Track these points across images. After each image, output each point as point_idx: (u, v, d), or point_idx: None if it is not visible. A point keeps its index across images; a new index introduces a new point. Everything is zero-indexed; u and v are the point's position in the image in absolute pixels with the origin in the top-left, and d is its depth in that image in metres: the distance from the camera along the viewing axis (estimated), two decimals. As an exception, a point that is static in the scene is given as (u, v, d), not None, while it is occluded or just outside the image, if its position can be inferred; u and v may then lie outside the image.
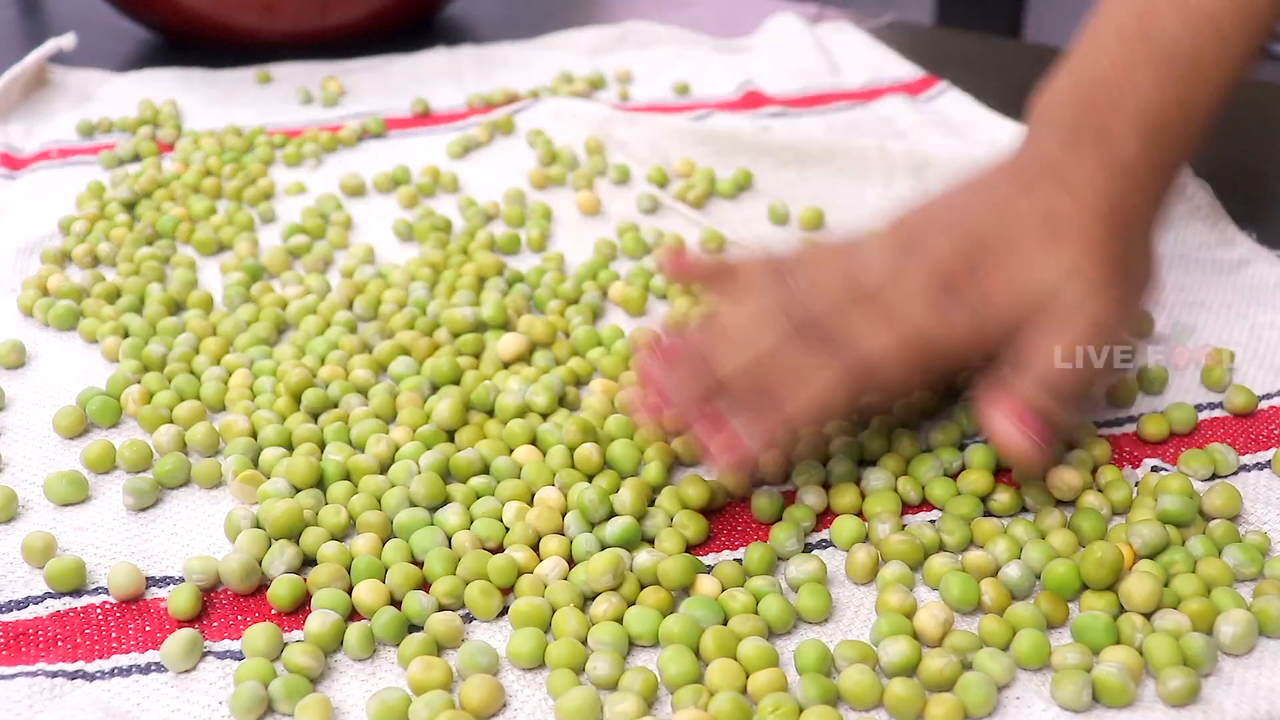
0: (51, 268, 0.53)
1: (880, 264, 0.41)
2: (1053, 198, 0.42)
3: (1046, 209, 0.41)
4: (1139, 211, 0.42)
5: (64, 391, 0.46)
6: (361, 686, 0.34)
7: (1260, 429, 0.44)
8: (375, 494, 0.40)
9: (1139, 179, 0.42)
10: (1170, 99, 0.43)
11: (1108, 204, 0.41)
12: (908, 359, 0.40)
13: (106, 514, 0.40)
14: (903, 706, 0.32)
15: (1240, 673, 0.34)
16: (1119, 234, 0.41)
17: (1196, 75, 0.43)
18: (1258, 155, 0.55)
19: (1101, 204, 0.41)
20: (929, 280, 0.40)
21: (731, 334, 0.41)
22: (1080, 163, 0.42)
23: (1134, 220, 0.42)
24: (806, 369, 0.39)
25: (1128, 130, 0.42)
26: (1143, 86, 0.43)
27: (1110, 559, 0.35)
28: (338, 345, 0.48)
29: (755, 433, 0.39)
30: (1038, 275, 0.40)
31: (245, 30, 0.78)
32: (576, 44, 0.82)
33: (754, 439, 0.39)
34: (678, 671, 0.33)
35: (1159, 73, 0.43)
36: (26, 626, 0.35)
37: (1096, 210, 0.41)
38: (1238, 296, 0.51)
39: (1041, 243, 0.41)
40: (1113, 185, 0.42)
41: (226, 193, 0.61)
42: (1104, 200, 0.41)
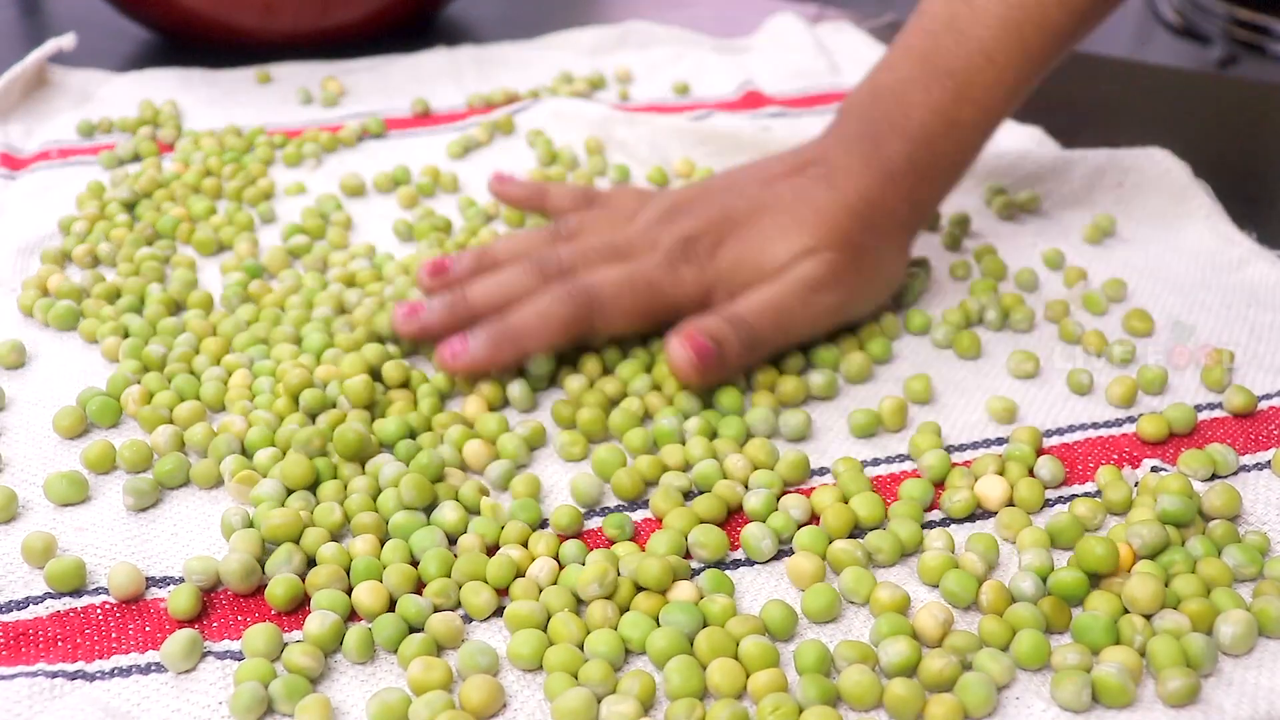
0: (51, 268, 0.53)
1: (643, 223, 0.48)
2: (813, 188, 0.48)
3: (803, 196, 0.47)
4: (893, 212, 0.48)
5: (64, 391, 0.46)
6: (361, 687, 0.34)
7: (1260, 429, 0.44)
8: (370, 493, 0.40)
9: (900, 185, 0.48)
10: (938, 117, 0.48)
11: (863, 201, 0.47)
12: (632, 297, 0.45)
13: (106, 514, 0.40)
14: (903, 707, 0.32)
15: (1240, 673, 0.34)
16: (864, 226, 0.47)
17: (965, 97, 0.48)
18: (1258, 155, 0.56)
19: (855, 199, 0.47)
20: (673, 243, 0.46)
21: (487, 260, 0.48)
22: (849, 161, 0.48)
23: (886, 218, 0.48)
24: (538, 293, 0.45)
25: (897, 139, 0.48)
26: (916, 102, 0.48)
27: (1106, 551, 0.36)
28: (333, 343, 0.48)
29: (481, 339, 0.44)
30: (770, 251, 0.46)
31: (245, 30, 0.78)
32: (576, 44, 0.82)
33: (478, 345, 0.44)
34: (680, 682, 0.33)
35: (931, 91, 0.48)
36: (26, 626, 0.35)
37: (846, 203, 0.47)
38: (1238, 296, 0.52)
39: (784, 224, 0.46)
40: (871, 185, 0.47)
41: (226, 193, 0.61)
42: (859, 197, 0.47)
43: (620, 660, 0.34)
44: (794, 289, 0.45)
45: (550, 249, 0.47)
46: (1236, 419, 0.45)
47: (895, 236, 0.48)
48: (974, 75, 0.48)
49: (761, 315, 0.45)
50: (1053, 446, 0.43)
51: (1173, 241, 0.56)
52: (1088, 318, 0.51)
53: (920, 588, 0.37)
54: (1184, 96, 0.76)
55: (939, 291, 0.53)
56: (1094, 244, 0.57)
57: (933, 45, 0.49)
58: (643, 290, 0.45)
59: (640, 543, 0.39)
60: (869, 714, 0.33)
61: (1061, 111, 0.71)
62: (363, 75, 0.77)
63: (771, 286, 0.45)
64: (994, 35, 0.48)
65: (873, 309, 0.49)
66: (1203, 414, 0.45)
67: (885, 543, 0.38)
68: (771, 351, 0.46)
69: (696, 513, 0.39)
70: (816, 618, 0.36)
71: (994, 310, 0.50)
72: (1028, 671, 0.34)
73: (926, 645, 0.35)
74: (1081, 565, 0.36)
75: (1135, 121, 0.69)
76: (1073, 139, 0.65)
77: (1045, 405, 0.46)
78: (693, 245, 0.46)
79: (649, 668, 0.34)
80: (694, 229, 0.47)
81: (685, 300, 0.46)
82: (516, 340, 0.44)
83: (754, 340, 0.44)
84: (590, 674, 0.33)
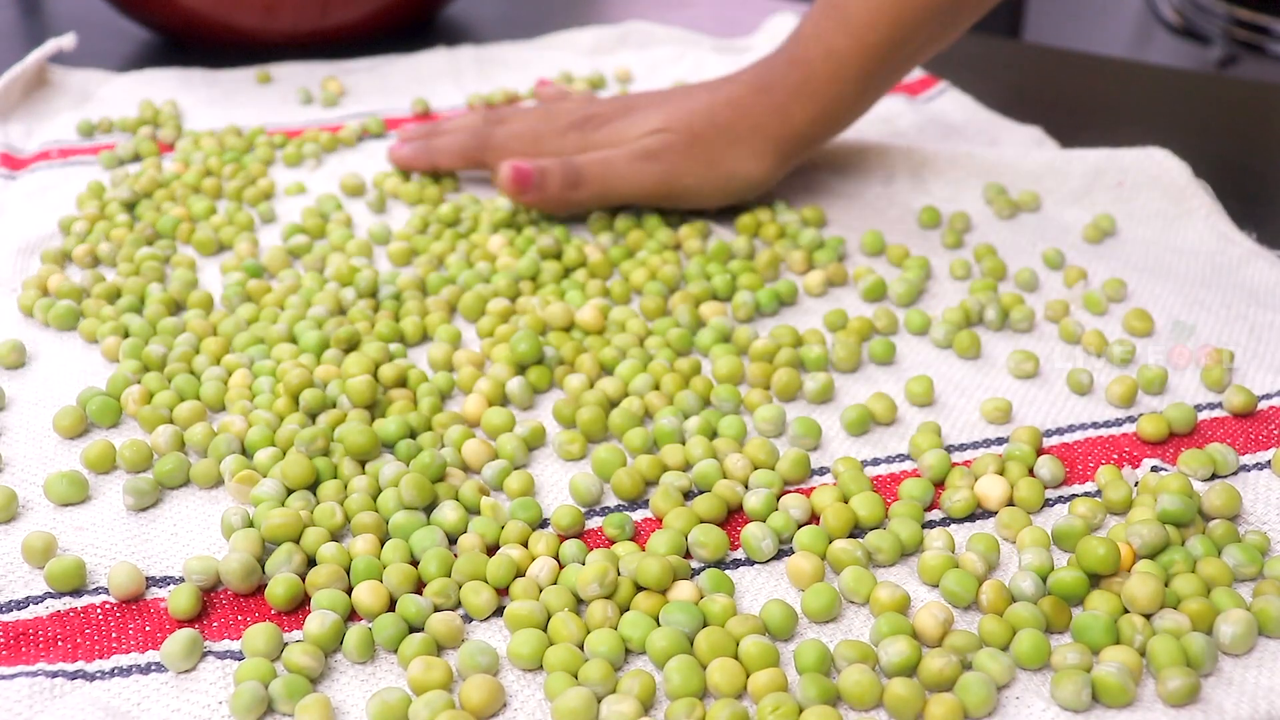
0: (51, 268, 0.53)
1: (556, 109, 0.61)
2: (699, 91, 0.58)
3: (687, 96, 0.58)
4: (758, 121, 0.56)
5: (64, 391, 0.46)
6: (362, 686, 0.34)
7: (1260, 429, 0.44)
8: (370, 493, 0.40)
9: (771, 96, 0.56)
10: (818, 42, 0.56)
11: (727, 104, 0.56)
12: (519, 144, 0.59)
13: (106, 514, 0.40)
14: (903, 706, 0.32)
15: (1240, 673, 0.34)
16: (717, 124, 0.56)
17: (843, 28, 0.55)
18: (1258, 155, 0.56)
19: (721, 101, 0.56)
20: (573, 118, 0.59)
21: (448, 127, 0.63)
22: (742, 75, 0.58)
23: (747, 125, 0.56)
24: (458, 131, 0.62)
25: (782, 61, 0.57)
26: (805, 32, 0.56)
27: (1107, 551, 0.36)
28: (330, 344, 0.48)
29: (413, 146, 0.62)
30: (633, 128, 0.57)
31: (245, 30, 0.78)
32: (576, 44, 0.82)
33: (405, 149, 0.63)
34: (680, 681, 0.33)
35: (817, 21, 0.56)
36: (26, 626, 0.35)
37: (712, 103, 0.56)
38: (1238, 296, 0.52)
39: (653, 112, 0.57)
40: (741, 94, 0.56)
41: (226, 193, 0.61)
42: (725, 100, 0.56)
43: (620, 660, 0.34)
44: (628, 153, 0.56)
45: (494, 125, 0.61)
46: (1236, 419, 0.45)
47: (752, 142, 0.56)
48: (854, 10, 0.55)
49: (590, 163, 0.55)
50: (1053, 446, 0.43)
51: (1173, 241, 0.56)
52: (1088, 318, 0.51)
53: (920, 588, 0.37)
54: (1184, 96, 0.76)
55: (939, 291, 0.53)
56: (1094, 244, 0.57)
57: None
58: (529, 141, 0.59)
59: (640, 543, 0.39)
60: (869, 714, 0.33)
61: (1061, 111, 0.71)
62: (363, 75, 0.77)
63: (613, 149, 0.56)
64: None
65: (716, 198, 0.57)
66: (1203, 414, 0.45)
67: (885, 543, 0.38)
68: (598, 199, 0.56)
69: (696, 512, 0.39)
70: (816, 618, 0.36)
71: (994, 310, 0.50)
72: (1028, 671, 0.34)
73: (926, 645, 0.35)
74: (1082, 565, 0.36)
75: (1135, 121, 0.69)
76: (1073, 139, 0.65)
77: (1045, 405, 0.46)
78: (587, 120, 0.58)
79: (649, 667, 0.34)
80: (596, 110, 0.59)
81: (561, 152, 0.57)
82: (431, 153, 0.61)
83: (576, 180, 0.55)
84: (590, 674, 0.33)
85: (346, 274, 0.53)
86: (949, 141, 0.67)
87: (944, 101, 0.72)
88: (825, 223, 0.59)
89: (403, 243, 0.56)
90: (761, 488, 0.40)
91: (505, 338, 0.49)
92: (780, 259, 0.55)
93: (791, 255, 0.55)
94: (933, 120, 0.70)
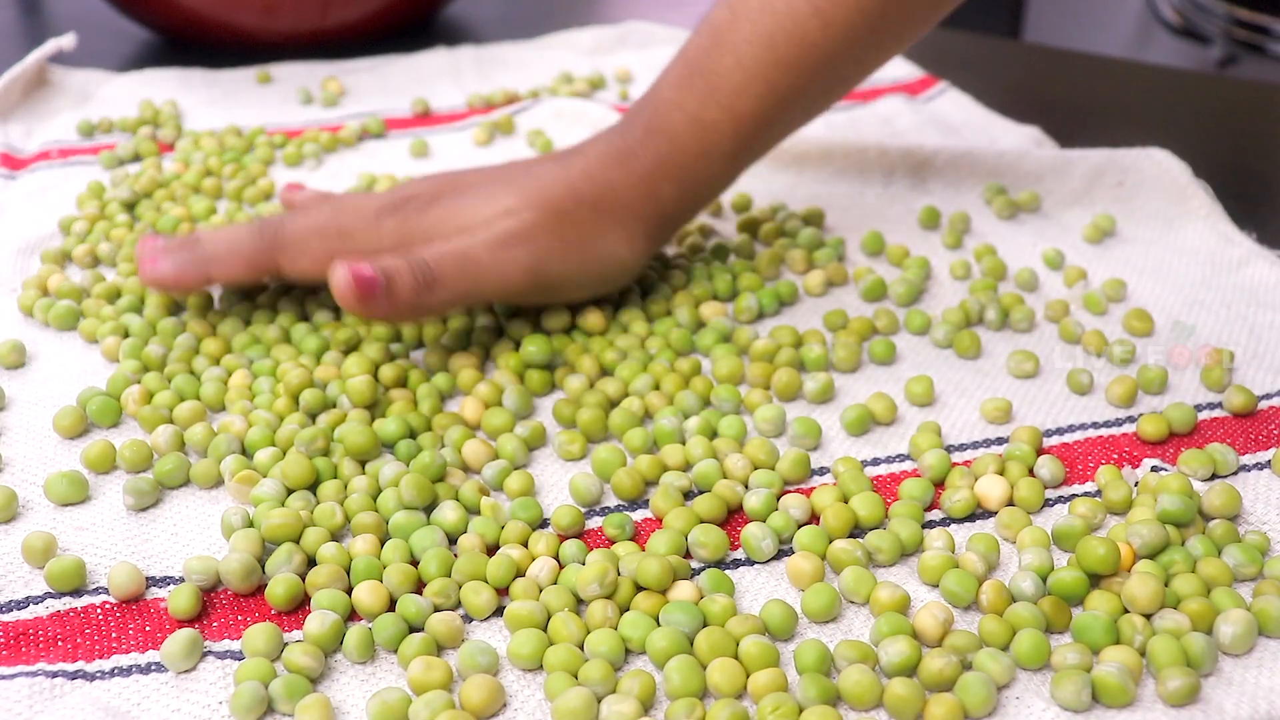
0: (51, 268, 0.54)
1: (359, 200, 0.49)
2: (543, 165, 0.49)
3: (529, 171, 0.48)
4: (624, 198, 0.48)
5: (64, 391, 0.46)
6: (362, 686, 0.34)
7: (1260, 429, 0.44)
8: (370, 493, 0.40)
9: (634, 169, 0.48)
10: (684, 113, 0.49)
11: (585, 178, 0.48)
12: (321, 241, 0.46)
13: (106, 514, 0.40)
14: (903, 706, 0.32)
15: (1240, 673, 0.34)
16: (580, 201, 0.47)
17: (713, 99, 0.48)
18: (1258, 155, 0.56)
19: (577, 175, 0.48)
20: (385, 203, 0.47)
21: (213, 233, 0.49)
22: (589, 147, 0.50)
23: (613, 202, 0.48)
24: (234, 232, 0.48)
25: (641, 130, 0.49)
26: (668, 99, 0.49)
27: (1107, 551, 0.36)
28: (330, 345, 0.48)
29: (173, 258, 0.47)
30: (475, 210, 0.46)
31: (245, 30, 0.78)
32: (576, 44, 0.82)
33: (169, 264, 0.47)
34: (680, 681, 0.33)
35: (683, 90, 0.49)
36: (26, 626, 0.35)
37: (568, 178, 0.48)
38: (1238, 296, 0.52)
39: (496, 189, 0.47)
40: (599, 166, 0.48)
41: (226, 193, 0.61)
42: (581, 173, 0.48)
43: (620, 660, 0.34)
44: (484, 240, 0.45)
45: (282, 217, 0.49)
46: (1236, 419, 0.45)
47: (623, 221, 0.48)
48: (723, 78, 0.48)
49: (443, 259, 0.44)
50: (1053, 446, 0.43)
51: (1173, 241, 0.56)
52: (1088, 318, 0.51)
53: (920, 588, 0.37)
54: (1184, 96, 0.76)
55: (939, 291, 0.53)
56: (1094, 244, 0.57)
57: (695, 48, 0.49)
58: (333, 236, 0.46)
59: (640, 543, 0.39)
60: (869, 714, 0.33)
61: (1061, 111, 0.71)
62: (363, 75, 0.77)
63: (463, 238, 0.45)
64: (746, 40, 0.48)
65: (589, 287, 0.49)
66: (1203, 414, 0.45)
67: (885, 543, 0.38)
68: (459, 299, 0.45)
69: (696, 512, 0.39)
70: (816, 618, 0.36)
71: (994, 310, 0.50)
72: (1028, 671, 0.34)
73: (926, 645, 0.35)
74: (1082, 565, 0.36)
75: (1135, 121, 0.70)
76: (1073, 139, 0.65)
77: (1045, 405, 0.46)
78: (405, 204, 0.47)
79: (649, 667, 0.34)
80: (412, 192, 0.48)
81: (380, 250, 0.45)
82: (203, 264, 0.47)
83: (430, 281, 0.44)
84: (590, 674, 0.33)
85: None
86: (949, 141, 0.67)
87: (944, 101, 0.72)
88: (825, 223, 0.59)
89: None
90: (761, 488, 0.40)
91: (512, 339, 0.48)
92: (780, 259, 0.55)
93: (791, 255, 0.55)
94: (933, 120, 0.70)
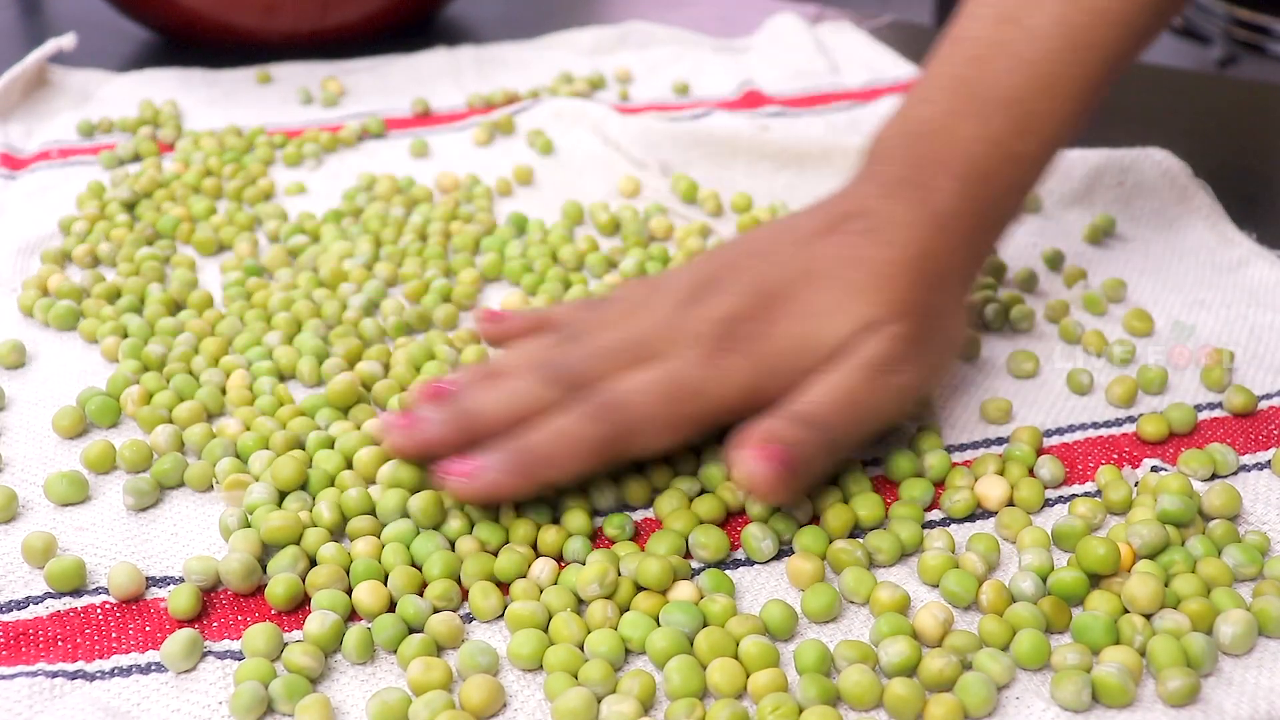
0: (51, 268, 0.53)
1: (664, 309, 0.40)
2: (860, 245, 0.40)
3: (851, 257, 0.40)
4: (951, 263, 0.41)
5: (64, 391, 0.46)
6: (362, 687, 0.34)
7: (1260, 429, 0.44)
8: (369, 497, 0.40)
9: (955, 231, 0.41)
10: (995, 151, 0.42)
11: (919, 255, 0.40)
12: (669, 406, 0.38)
13: (106, 514, 0.40)
14: (903, 706, 0.32)
15: (1240, 673, 0.34)
16: (926, 285, 0.40)
17: (1025, 128, 0.43)
18: (1258, 155, 0.56)
19: (910, 255, 0.40)
20: (708, 328, 0.39)
21: (490, 375, 0.39)
22: (893, 211, 0.41)
23: (945, 272, 0.41)
24: (557, 409, 0.37)
25: (948, 181, 0.42)
26: (969, 136, 0.42)
27: (1107, 551, 0.36)
28: (330, 343, 0.48)
29: (499, 462, 0.36)
30: (829, 327, 0.39)
31: (245, 30, 0.78)
32: (576, 44, 0.82)
33: (496, 470, 0.36)
34: (680, 682, 0.33)
35: (988, 124, 0.42)
36: (26, 626, 0.35)
37: (903, 260, 0.40)
38: (1238, 296, 0.52)
39: (837, 294, 0.39)
40: (925, 236, 0.41)
41: (226, 193, 0.61)
42: (914, 251, 0.40)
43: (620, 660, 0.34)
44: (861, 373, 0.38)
45: (559, 352, 0.40)
46: (1236, 419, 0.44)
47: (954, 292, 0.42)
48: (1033, 103, 0.43)
49: (832, 409, 0.37)
50: (1053, 446, 0.43)
51: (1173, 241, 0.56)
52: (1088, 318, 0.51)
53: (920, 588, 0.37)
54: (1184, 96, 0.76)
55: (939, 291, 0.53)
56: (1094, 244, 0.57)
57: (980, 73, 0.43)
58: (682, 396, 0.38)
59: (640, 543, 0.39)
60: (869, 714, 0.33)
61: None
62: (363, 75, 0.77)
63: (835, 373, 0.38)
64: (1051, 58, 0.43)
65: (941, 382, 0.44)
66: (1203, 414, 0.45)
67: (885, 543, 0.38)
68: (847, 451, 0.40)
69: (697, 513, 0.39)
70: (816, 618, 0.36)
71: (994, 310, 0.50)
72: (1028, 671, 0.34)
73: (926, 645, 0.35)
74: (1082, 565, 0.36)
75: (1135, 121, 0.69)
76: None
77: (1045, 405, 0.45)
78: (732, 330, 0.39)
79: (649, 667, 0.34)
80: (730, 309, 0.39)
81: (733, 400, 0.38)
82: (538, 466, 0.37)
83: (830, 440, 0.37)
84: (590, 674, 0.33)
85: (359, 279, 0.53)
86: (949, 141, 0.67)
87: (944, 101, 0.72)
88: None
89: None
90: None
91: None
92: (780, 259, 0.55)
93: (791, 255, 0.55)
94: (933, 120, 0.70)
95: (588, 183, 0.63)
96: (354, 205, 0.60)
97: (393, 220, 0.58)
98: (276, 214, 0.59)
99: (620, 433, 0.37)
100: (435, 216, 0.58)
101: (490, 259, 0.54)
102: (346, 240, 0.56)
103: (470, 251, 0.56)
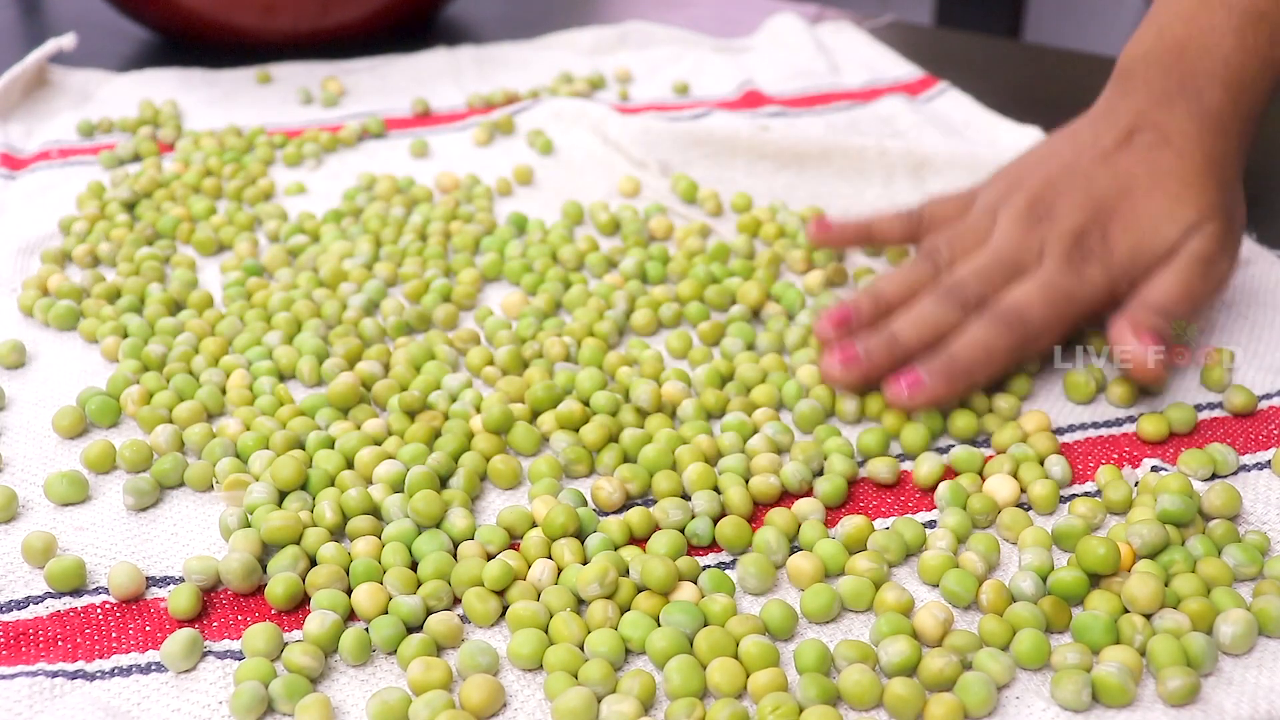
0: (51, 268, 0.54)
1: (1010, 229, 0.47)
2: (1155, 153, 0.47)
3: (1152, 165, 0.47)
4: (1230, 159, 0.47)
5: (64, 391, 0.46)
6: (362, 686, 0.34)
7: (1260, 429, 0.44)
8: (369, 497, 0.40)
9: (1228, 130, 0.47)
10: (1254, 60, 0.48)
11: (1205, 156, 0.47)
12: (1055, 310, 0.44)
13: (106, 514, 0.40)
14: (903, 706, 0.32)
15: (1240, 673, 0.34)
16: (1223, 185, 0.47)
17: (1275, 38, 0.48)
18: (1258, 155, 0.55)
19: (1199, 156, 0.47)
20: (1064, 245, 0.45)
21: (883, 301, 0.46)
22: (1173, 117, 0.47)
23: (1228, 168, 0.47)
24: (968, 325, 0.44)
25: (1219, 91, 0.47)
26: (1226, 45, 0.47)
27: (1107, 551, 0.36)
28: (330, 343, 0.48)
29: (935, 373, 0.43)
30: (1162, 233, 0.45)
31: (245, 30, 0.78)
32: (576, 44, 0.82)
33: (934, 380, 0.43)
34: (680, 681, 0.33)
35: (1247, 36, 0.48)
36: (26, 626, 0.35)
37: (1196, 164, 0.46)
38: (1238, 296, 0.51)
39: (1161, 203, 0.46)
40: (1206, 137, 0.47)
41: (226, 193, 0.61)
42: (1201, 152, 0.47)
43: (620, 660, 0.34)
44: (1196, 267, 0.45)
45: (951, 278, 0.46)
46: (1236, 419, 0.44)
47: (1237, 188, 0.48)
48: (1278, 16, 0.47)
49: (1182, 298, 0.45)
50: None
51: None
52: (1088, 318, 0.51)
53: (920, 588, 0.37)
54: (1184, 96, 0.75)
55: (939, 291, 0.53)
56: (1094, 244, 0.57)
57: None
58: (1061, 301, 0.45)
59: (640, 544, 0.39)
60: (869, 714, 0.33)
61: (1061, 111, 0.70)
62: (363, 75, 0.77)
63: (1174, 269, 0.45)
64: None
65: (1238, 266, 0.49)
66: (1203, 414, 0.45)
67: (891, 543, 0.38)
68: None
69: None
70: (816, 618, 0.36)
71: (994, 310, 0.50)
72: (1028, 671, 0.34)
73: (926, 645, 0.35)
74: (1082, 565, 0.36)
75: (1135, 121, 0.69)
76: (1073, 139, 0.65)
77: (1045, 405, 0.45)
78: (1083, 241, 0.46)
79: (649, 667, 0.34)
80: (1074, 225, 0.46)
81: (1096, 302, 0.45)
82: (967, 373, 0.44)
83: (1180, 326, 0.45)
84: (590, 674, 0.33)
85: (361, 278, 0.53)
86: (949, 141, 0.67)
87: (944, 101, 0.72)
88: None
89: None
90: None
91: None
92: (780, 259, 0.55)
93: (791, 255, 0.55)
94: (933, 120, 0.70)
95: (588, 183, 0.63)
96: (354, 205, 0.60)
97: (393, 220, 0.58)
98: (276, 214, 0.59)
99: (1026, 338, 0.44)
100: (435, 216, 0.58)
101: (490, 259, 0.55)
102: (346, 240, 0.56)
103: (470, 251, 0.56)
